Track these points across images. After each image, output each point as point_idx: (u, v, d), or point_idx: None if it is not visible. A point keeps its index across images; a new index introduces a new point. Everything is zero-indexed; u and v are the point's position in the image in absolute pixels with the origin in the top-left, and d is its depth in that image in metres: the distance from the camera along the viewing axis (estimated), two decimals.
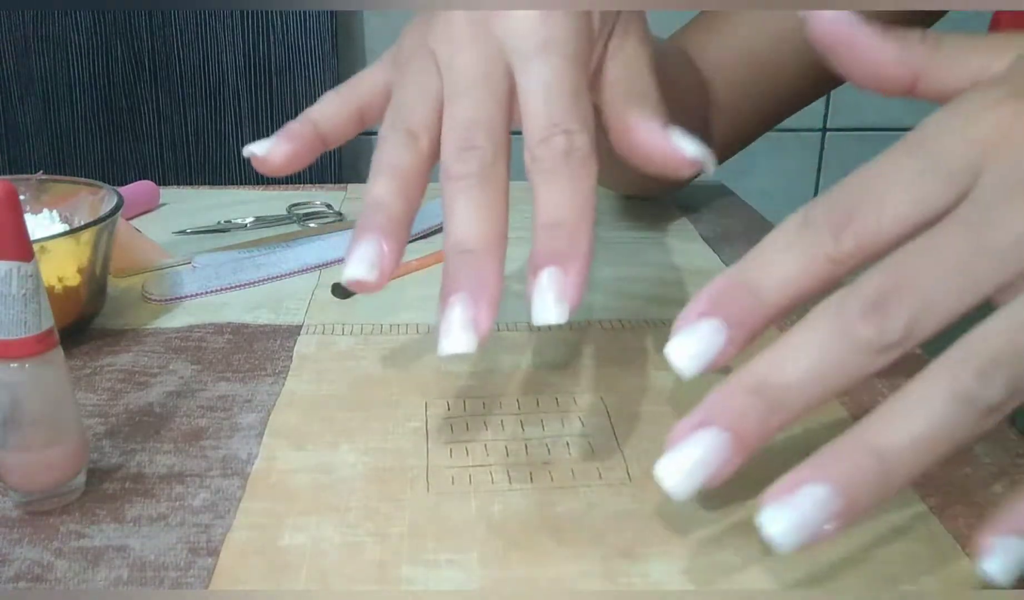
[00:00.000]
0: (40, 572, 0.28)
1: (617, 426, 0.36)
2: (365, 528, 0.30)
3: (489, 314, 0.27)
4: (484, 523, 0.30)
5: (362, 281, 0.28)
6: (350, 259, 0.28)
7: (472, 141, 0.29)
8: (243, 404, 0.37)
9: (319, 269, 0.52)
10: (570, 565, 0.28)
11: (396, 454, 0.34)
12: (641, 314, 0.46)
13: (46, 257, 0.39)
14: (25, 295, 0.28)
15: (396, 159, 0.30)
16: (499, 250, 0.28)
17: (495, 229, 0.28)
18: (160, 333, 0.44)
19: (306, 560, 0.28)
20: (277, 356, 0.42)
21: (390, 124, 0.31)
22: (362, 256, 0.28)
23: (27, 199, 0.46)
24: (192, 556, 0.28)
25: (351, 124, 0.35)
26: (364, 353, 0.42)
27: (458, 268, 0.27)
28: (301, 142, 0.34)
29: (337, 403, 0.37)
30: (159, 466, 0.33)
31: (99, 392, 0.38)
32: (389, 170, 0.30)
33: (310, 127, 0.34)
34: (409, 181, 0.30)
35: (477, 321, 0.26)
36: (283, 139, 0.34)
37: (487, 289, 0.27)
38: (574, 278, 0.26)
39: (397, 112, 0.31)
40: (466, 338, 0.26)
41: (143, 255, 0.52)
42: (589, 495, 0.31)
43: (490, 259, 0.27)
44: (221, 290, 0.49)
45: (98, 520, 0.30)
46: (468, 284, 0.27)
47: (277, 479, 0.32)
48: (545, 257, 0.27)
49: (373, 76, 0.35)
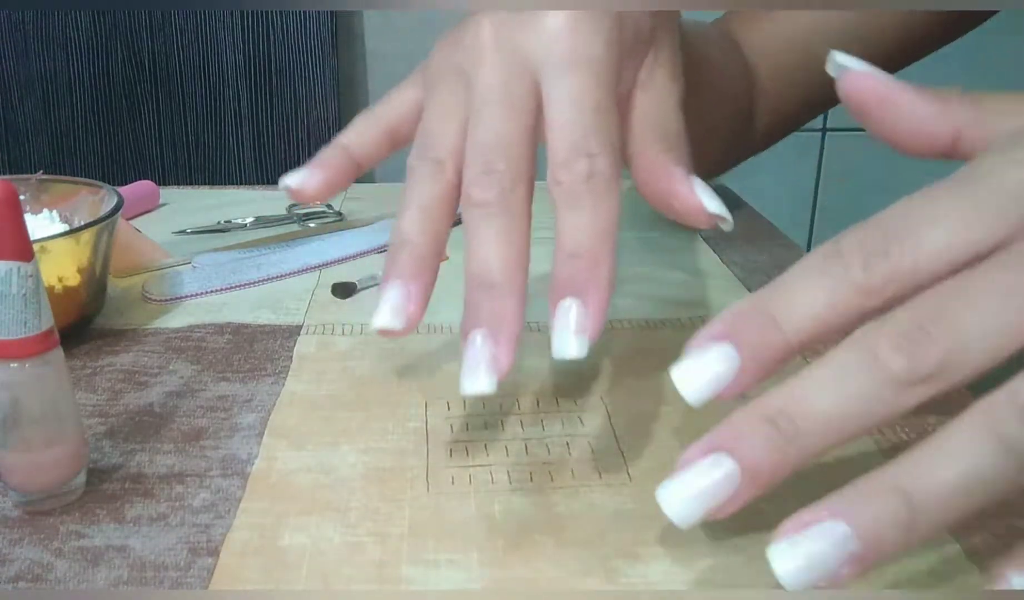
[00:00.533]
0: (40, 572, 0.28)
1: (617, 426, 0.36)
2: (365, 528, 0.30)
3: (509, 351, 0.27)
4: (484, 523, 0.30)
5: (389, 330, 0.29)
6: (380, 307, 0.29)
7: (492, 165, 0.28)
8: (243, 404, 0.37)
9: (319, 269, 0.52)
10: (570, 565, 0.28)
11: (396, 454, 0.34)
12: (641, 314, 0.46)
13: (46, 257, 0.39)
14: (25, 295, 0.28)
15: (421, 191, 0.30)
16: (519, 280, 0.28)
17: (515, 258, 0.28)
18: (160, 333, 0.44)
19: (306, 560, 0.28)
20: (277, 356, 0.42)
21: (418, 153, 0.31)
22: (389, 304, 0.29)
23: (27, 199, 0.46)
24: (192, 556, 0.28)
25: (383, 147, 0.35)
26: (364, 353, 0.42)
27: (479, 303, 0.27)
28: (334, 171, 0.34)
29: (337, 403, 0.37)
30: (159, 466, 0.33)
31: (99, 392, 0.38)
32: (415, 203, 0.30)
33: (343, 153, 0.34)
34: (435, 213, 0.30)
35: (497, 359, 0.26)
36: (317, 169, 0.34)
37: (507, 325, 0.27)
38: (594, 310, 0.26)
39: (424, 139, 0.31)
40: (487, 379, 0.26)
41: (143, 255, 0.52)
42: (589, 495, 0.31)
43: (510, 293, 0.27)
44: (221, 290, 0.49)
45: (98, 520, 0.30)
46: (488, 320, 0.27)
47: (277, 479, 0.32)
48: (565, 287, 0.27)
49: (403, 95, 0.35)
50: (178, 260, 0.53)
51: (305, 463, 0.33)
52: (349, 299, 0.48)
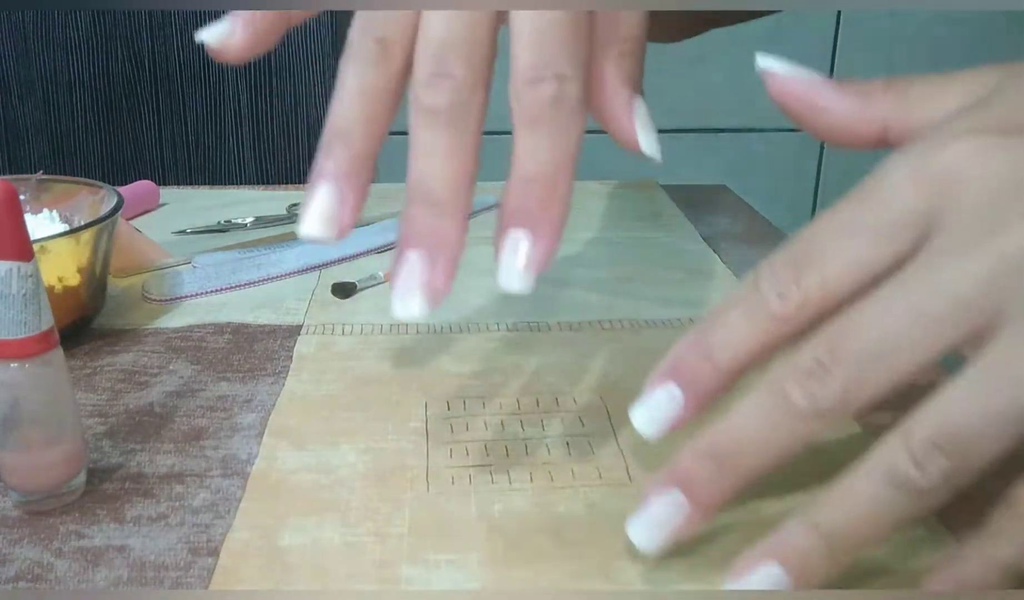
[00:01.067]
0: (40, 572, 0.28)
1: (617, 426, 0.36)
2: (365, 528, 0.30)
3: (447, 276, 0.25)
4: (484, 523, 0.30)
5: (318, 239, 0.26)
6: (306, 212, 0.26)
7: (446, 67, 0.25)
8: (243, 404, 0.37)
9: (319, 269, 0.52)
10: (570, 565, 0.28)
11: (396, 454, 0.34)
12: (641, 314, 0.46)
13: (46, 257, 0.39)
14: (25, 295, 0.28)
15: (364, 75, 0.26)
16: (464, 199, 0.26)
17: (462, 173, 0.25)
18: (160, 333, 0.44)
19: (306, 560, 0.28)
20: (277, 356, 0.42)
21: (360, 28, 0.26)
22: (319, 210, 0.26)
23: (27, 199, 0.46)
24: (192, 556, 0.28)
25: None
26: (364, 353, 0.42)
27: (418, 219, 0.25)
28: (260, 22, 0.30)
29: (337, 403, 0.37)
30: (159, 466, 0.33)
31: (99, 392, 0.38)
32: (356, 88, 0.26)
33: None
34: (376, 104, 0.26)
35: (432, 284, 0.25)
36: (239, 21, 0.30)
37: (447, 247, 0.25)
38: (544, 244, 0.25)
39: (369, 16, 0.27)
40: (419, 304, 0.25)
41: (143, 255, 0.52)
42: (589, 495, 0.31)
43: (453, 212, 0.25)
44: (221, 290, 0.49)
45: (98, 520, 0.30)
46: (427, 241, 0.25)
47: (277, 479, 0.32)
48: (516, 216, 0.25)
49: None
50: (178, 260, 0.53)
51: (305, 463, 0.33)
52: (349, 299, 0.48)
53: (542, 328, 0.44)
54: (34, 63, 1.18)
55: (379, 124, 0.26)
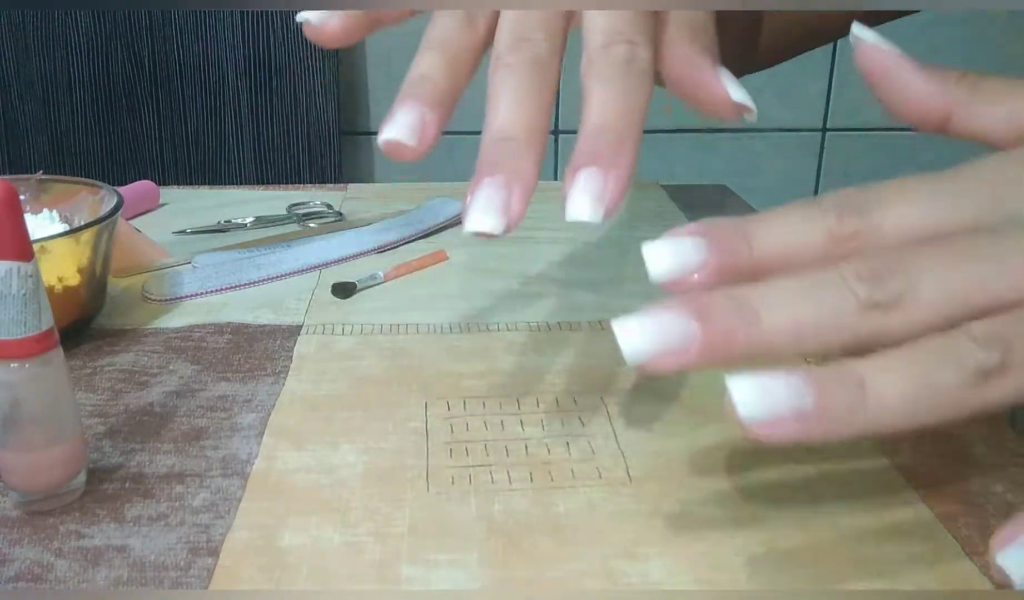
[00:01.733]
0: (40, 572, 0.28)
1: (617, 426, 0.36)
2: (365, 528, 0.30)
3: (522, 202, 0.25)
4: (484, 523, 0.30)
5: (401, 144, 0.26)
6: (388, 122, 0.27)
7: (528, 34, 0.27)
8: (243, 404, 0.37)
9: (319, 269, 0.52)
10: (570, 565, 0.28)
11: (396, 454, 0.34)
12: None
13: (46, 257, 0.39)
14: (25, 295, 0.28)
15: (447, 36, 0.28)
16: (540, 143, 0.26)
17: (539, 121, 0.26)
18: (160, 333, 0.44)
19: (306, 560, 0.28)
20: (277, 356, 0.42)
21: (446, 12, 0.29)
22: (403, 120, 0.27)
23: (27, 199, 0.46)
24: (192, 556, 0.28)
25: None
26: (364, 353, 0.42)
27: (498, 153, 0.26)
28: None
29: (337, 403, 0.37)
30: (159, 466, 0.33)
31: (99, 392, 0.38)
32: (439, 46, 0.28)
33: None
34: (460, 60, 0.28)
35: (509, 206, 0.25)
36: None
37: (523, 178, 0.26)
38: (614, 183, 0.25)
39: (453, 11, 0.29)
40: (494, 219, 0.25)
41: (143, 255, 0.52)
42: (589, 495, 0.31)
43: (530, 150, 0.26)
44: (221, 290, 0.49)
45: (98, 520, 0.30)
46: (505, 169, 0.26)
47: (277, 479, 0.32)
48: (586, 158, 0.25)
49: None
50: (178, 260, 0.53)
51: (305, 463, 0.33)
52: (349, 299, 0.48)
53: (542, 328, 0.44)
54: (34, 63, 1.18)
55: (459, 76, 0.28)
